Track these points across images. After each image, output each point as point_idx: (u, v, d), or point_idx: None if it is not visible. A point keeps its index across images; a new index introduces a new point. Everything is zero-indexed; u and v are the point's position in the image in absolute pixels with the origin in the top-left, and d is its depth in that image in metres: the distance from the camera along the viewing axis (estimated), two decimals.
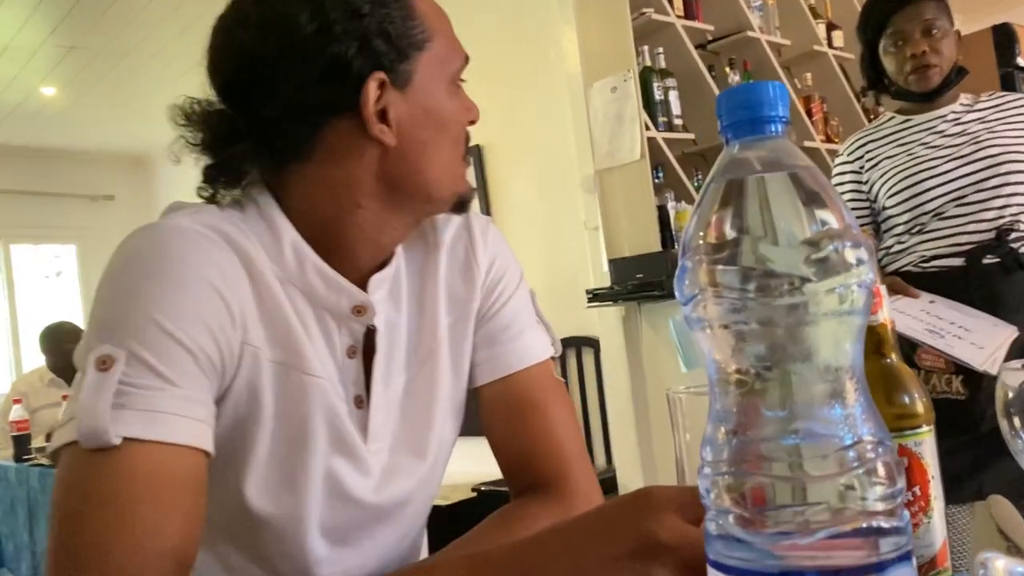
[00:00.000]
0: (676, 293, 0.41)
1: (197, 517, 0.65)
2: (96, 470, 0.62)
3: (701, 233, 0.40)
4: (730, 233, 0.38)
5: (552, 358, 0.93)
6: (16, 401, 3.46)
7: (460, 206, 0.84)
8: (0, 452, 3.61)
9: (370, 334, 0.82)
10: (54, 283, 6.14)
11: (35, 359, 4.20)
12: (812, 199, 0.38)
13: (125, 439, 0.62)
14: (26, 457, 3.23)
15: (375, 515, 0.82)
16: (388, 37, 0.75)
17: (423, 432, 0.85)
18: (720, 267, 0.38)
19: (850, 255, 0.37)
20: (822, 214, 0.38)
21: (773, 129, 0.40)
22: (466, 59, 0.83)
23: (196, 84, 0.80)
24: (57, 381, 3.84)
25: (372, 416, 0.81)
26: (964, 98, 1.98)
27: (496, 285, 0.91)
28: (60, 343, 3.84)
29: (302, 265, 0.77)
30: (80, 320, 5.91)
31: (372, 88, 0.75)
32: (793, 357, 0.38)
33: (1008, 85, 4.05)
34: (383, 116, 0.76)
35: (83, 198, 6.05)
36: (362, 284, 0.80)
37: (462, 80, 0.83)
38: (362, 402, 0.81)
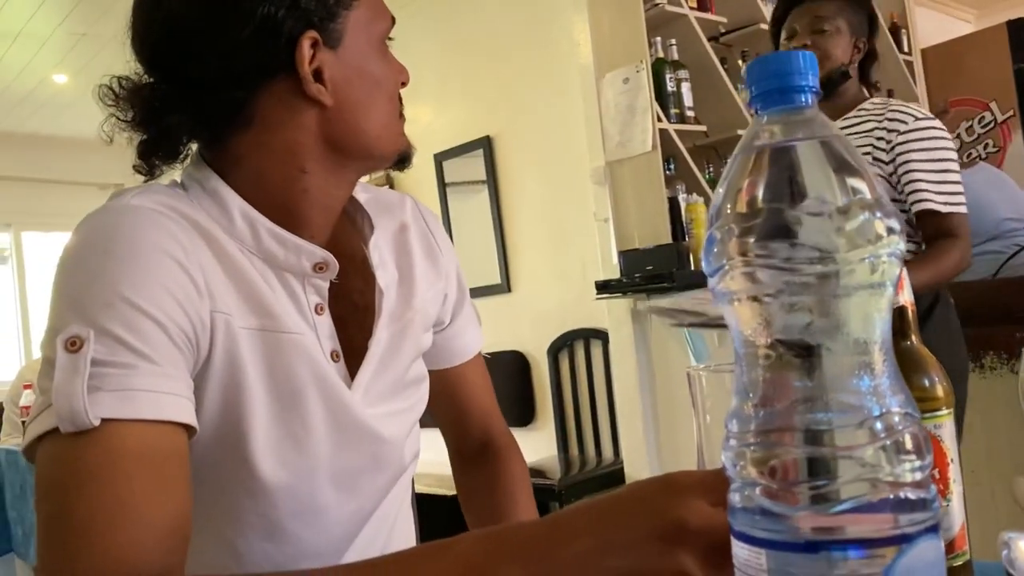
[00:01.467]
0: (703, 264, 0.41)
1: (186, 491, 0.65)
2: (80, 452, 0.61)
3: (730, 203, 0.39)
4: (760, 203, 0.38)
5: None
6: (26, 386, 3.47)
7: (402, 162, 0.87)
8: (9, 439, 3.62)
9: (334, 289, 0.82)
10: None
11: None
12: (843, 168, 0.38)
13: (104, 420, 0.61)
14: None
15: (374, 454, 0.84)
16: None
17: (402, 379, 0.89)
18: (749, 237, 0.38)
19: (881, 225, 0.37)
20: (854, 183, 0.37)
21: (803, 99, 0.40)
22: (392, 20, 0.84)
23: None
24: None
25: (364, 365, 0.83)
26: (866, 105, 1.98)
27: (453, 278, 0.98)
28: None
29: (255, 231, 0.77)
30: None
31: (306, 47, 0.76)
32: (823, 329, 0.38)
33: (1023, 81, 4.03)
34: (318, 76, 0.77)
35: (93, 186, 6.05)
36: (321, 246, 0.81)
37: (390, 39, 0.85)
38: (338, 356, 0.82)
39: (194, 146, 0.82)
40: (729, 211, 0.39)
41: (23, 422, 3.35)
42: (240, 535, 0.79)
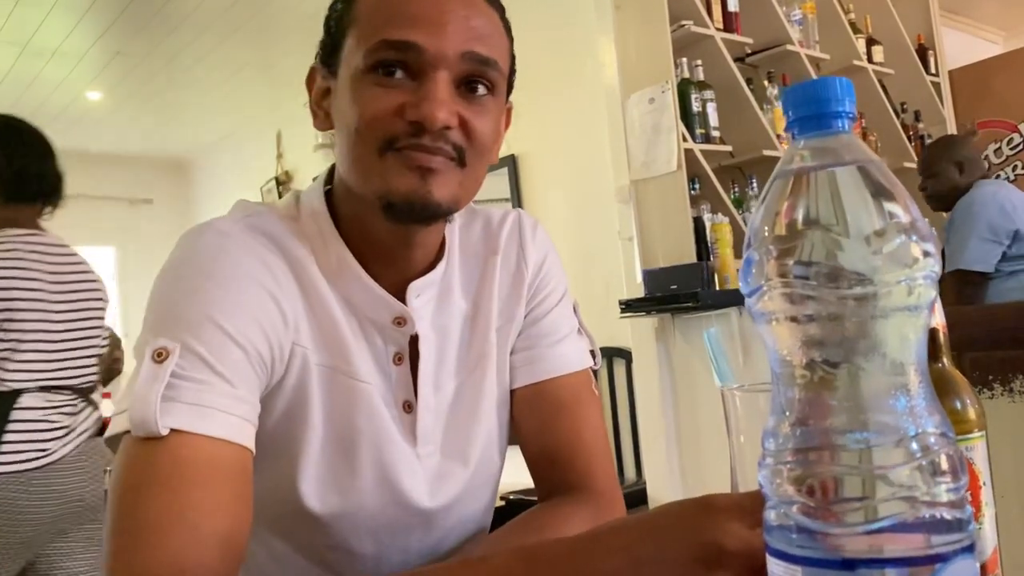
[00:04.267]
0: (740, 285, 0.41)
1: (247, 506, 0.67)
2: (148, 457, 0.64)
3: (768, 225, 0.40)
4: (799, 226, 0.39)
5: (592, 370, 0.93)
6: None
7: (389, 209, 0.74)
8: None
9: (415, 342, 0.82)
10: None
11: None
12: (880, 192, 0.39)
13: (172, 430, 0.63)
14: None
15: (424, 519, 0.83)
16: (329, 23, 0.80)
17: (468, 438, 0.86)
18: (788, 259, 0.39)
19: (917, 248, 0.38)
20: (890, 207, 0.38)
21: (840, 125, 0.41)
22: (386, 48, 0.73)
23: (237, 89, 0.84)
24: None
25: (420, 420, 0.82)
26: None
27: (541, 289, 0.91)
28: None
29: (345, 276, 0.79)
30: (117, 321, 6.01)
31: (317, 74, 0.82)
32: (859, 351, 0.38)
33: None
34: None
35: (122, 201, 6.15)
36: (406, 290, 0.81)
37: (389, 69, 0.73)
38: (411, 407, 0.82)
39: None
40: (767, 233, 0.40)
41: None
42: (281, 542, 0.81)
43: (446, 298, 0.86)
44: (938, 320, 0.63)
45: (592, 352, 0.94)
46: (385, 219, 0.75)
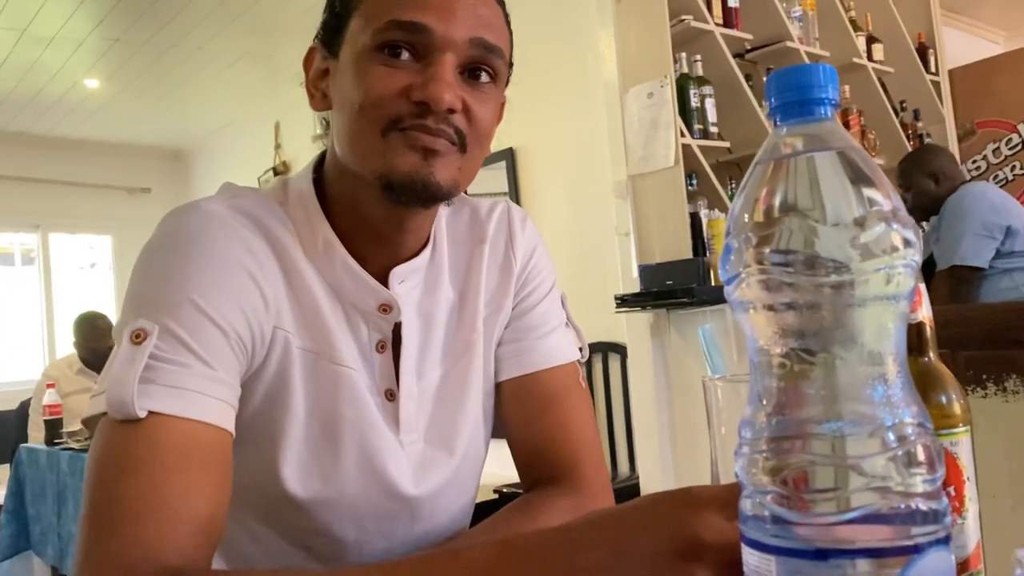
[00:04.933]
0: (720, 272, 0.41)
1: (225, 490, 0.66)
2: (125, 440, 0.63)
3: (747, 212, 0.40)
4: (777, 212, 0.38)
5: (579, 362, 0.92)
6: (49, 385, 3.51)
7: (388, 188, 0.73)
8: (32, 435, 3.67)
9: (399, 329, 0.82)
10: (88, 273, 6.24)
11: (67, 346, 4.25)
12: (860, 179, 0.38)
13: (151, 412, 0.63)
14: (57, 441, 3.28)
15: (408, 507, 0.83)
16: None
17: (453, 426, 0.86)
18: (766, 246, 0.38)
19: (897, 236, 0.37)
20: (871, 194, 0.38)
21: (823, 112, 0.41)
22: (393, 28, 0.72)
23: (236, 78, 0.83)
24: (86, 370, 3.89)
25: (403, 407, 0.81)
26: None
27: (530, 281, 0.91)
28: (91, 338, 3.88)
29: (332, 260, 0.78)
30: (113, 309, 6.01)
31: (316, 55, 0.81)
32: (837, 340, 0.38)
33: None
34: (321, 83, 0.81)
35: (120, 190, 6.14)
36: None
37: (395, 50, 0.73)
38: (393, 395, 0.81)
39: None
40: (746, 220, 0.40)
41: (46, 421, 3.39)
42: (262, 525, 0.80)
43: (433, 285, 0.85)
44: (925, 314, 0.63)
45: (579, 346, 0.93)
46: (384, 200, 0.74)
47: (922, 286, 0.64)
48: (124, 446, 0.63)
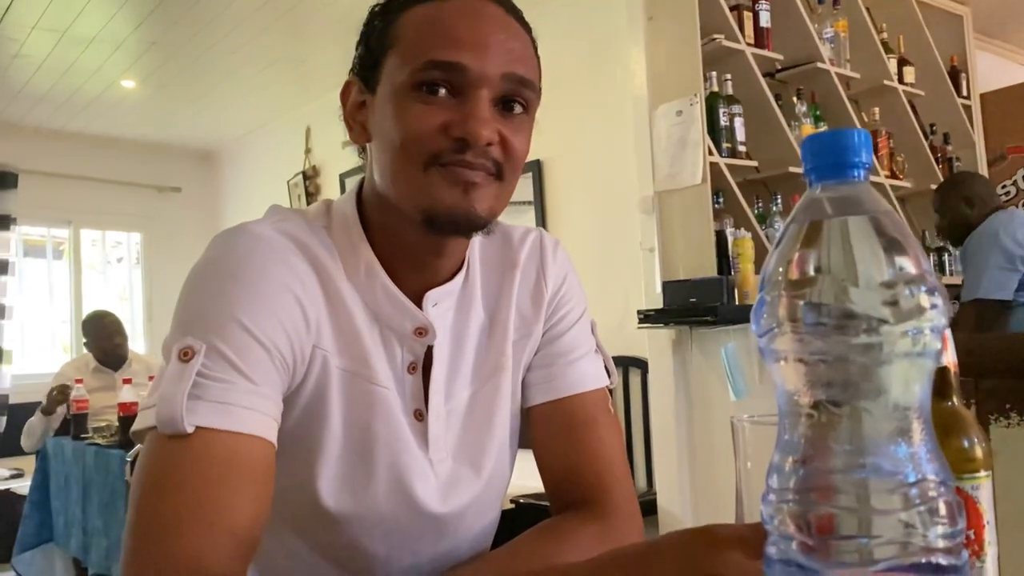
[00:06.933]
0: (752, 324, 0.43)
1: (265, 502, 0.69)
2: (172, 454, 0.66)
3: (781, 269, 0.42)
4: (810, 271, 0.40)
5: (608, 388, 0.94)
6: (78, 381, 3.57)
7: (430, 223, 0.77)
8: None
9: (430, 350, 0.85)
10: (115, 269, 6.33)
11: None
12: (891, 244, 0.40)
13: (198, 428, 0.66)
14: (83, 436, 3.34)
15: (435, 524, 0.85)
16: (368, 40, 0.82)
17: (481, 447, 0.88)
18: (799, 303, 0.40)
19: (925, 300, 0.39)
20: (900, 259, 0.39)
21: (856, 174, 0.42)
22: (431, 67, 0.75)
23: (269, 83, 0.86)
24: (102, 368, 3.93)
25: (430, 427, 0.84)
26: None
27: (560, 308, 0.93)
28: (99, 336, 3.93)
29: (372, 284, 0.81)
30: (139, 305, 6.09)
31: (353, 88, 0.84)
32: (864, 394, 0.40)
33: None
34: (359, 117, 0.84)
35: (151, 188, 6.22)
36: None
37: (433, 89, 0.76)
38: (422, 415, 0.84)
39: None
40: (780, 277, 0.41)
41: (74, 416, 3.44)
42: (296, 539, 0.83)
43: (466, 308, 0.88)
44: (949, 359, 0.64)
45: (608, 371, 0.95)
46: (425, 231, 0.77)
47: (947, 332, 0.65)
48: (171, 460, 0.66)
